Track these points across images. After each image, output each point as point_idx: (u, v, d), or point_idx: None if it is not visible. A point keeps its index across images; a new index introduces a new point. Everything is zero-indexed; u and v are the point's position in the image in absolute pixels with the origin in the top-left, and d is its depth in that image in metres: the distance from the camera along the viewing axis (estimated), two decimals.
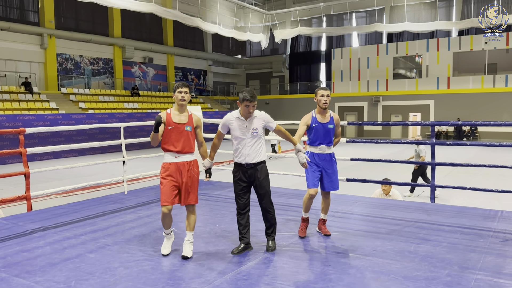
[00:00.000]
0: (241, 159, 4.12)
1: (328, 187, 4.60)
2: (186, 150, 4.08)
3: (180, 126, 4.06)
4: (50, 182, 11.92)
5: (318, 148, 4.56)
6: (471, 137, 27.94)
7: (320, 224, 4.75)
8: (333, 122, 4.62)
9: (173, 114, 4.09)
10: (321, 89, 4.57)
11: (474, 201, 8.59)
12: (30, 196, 5.75)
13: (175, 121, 4.06)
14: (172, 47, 32.77)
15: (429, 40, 30.31)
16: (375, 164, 13.22)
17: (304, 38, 37.80)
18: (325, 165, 4.56)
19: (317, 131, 4.53)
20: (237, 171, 4.17)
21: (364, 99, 32.25)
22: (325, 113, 4.58)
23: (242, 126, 4.12)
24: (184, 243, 4.09)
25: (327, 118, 4.59)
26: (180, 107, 4.10)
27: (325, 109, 4.55)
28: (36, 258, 4.05)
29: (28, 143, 16.86)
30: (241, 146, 4.12)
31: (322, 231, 4.70)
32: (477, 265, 3.75)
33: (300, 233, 4.63)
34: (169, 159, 4.08)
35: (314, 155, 4.56)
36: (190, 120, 4.13)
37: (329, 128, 4.56)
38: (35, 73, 24.13)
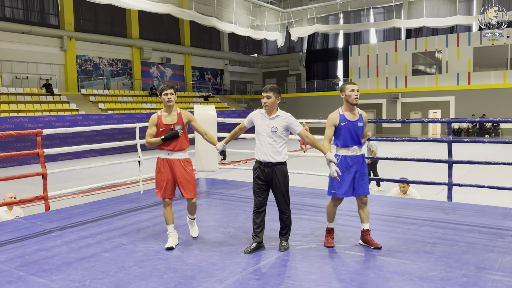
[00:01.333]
0: (259, 156, 4.14)
1: (360, 192, 4.17)
2: (177, 148, 4.34)
3: (170, 127, 4.33)
4: (70, 182, 12.15)
5: (350, 150, 4.14)
6: (493, 133, 27.33)
7: (366, 236, 4.21)
8: (362, 119, 4.21)
9: (163, 116, 4.37)
10: (350, 83, 4.19)
11: (494, 199, 8.39)
12: (48, 196, 5.86)
13: (166, 123, 4.32)
14: (189, 47, 32.99)
15: (448, 35, 29.75)
16: (392, 162, 13.04)
17: (321, 36, 37.56)
18: (359, 167, 4.15)
19: (348, 130, 4.11)
20: (256, 168, 4.19)
21: (382, 96, 31.87)
22: (353, 110, 4.18)
23: (263, 123, 4.11)
24: (188, 224, 4.67)
25: (357, 116, 4.18)
26: (168, 108, 4.36)
27: (354, 106, 4.16)
28: (53, 257, 4.13)
29: (49, 143, 17.21)
30: (260, 143, 4.13)
31: (370, 244, 4.16)
32: (494, 265, 3.66)
33: (328, 244, 4.23)
34: (162, 155, 4.39)
35: (347, 158, 4.14)
36: (179, 119, 4.37)
37: (359, 126, 4.15)
38: (55, 75, 24.62)
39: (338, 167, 4.05)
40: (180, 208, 5.90)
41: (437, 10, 29.68)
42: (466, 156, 13.17)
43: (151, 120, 4.39)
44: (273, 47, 40.45)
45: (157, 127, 4.34)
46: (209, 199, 6.67)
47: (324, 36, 37.61)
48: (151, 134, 4.37)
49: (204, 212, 5.88)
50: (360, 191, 4.17)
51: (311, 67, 38.53)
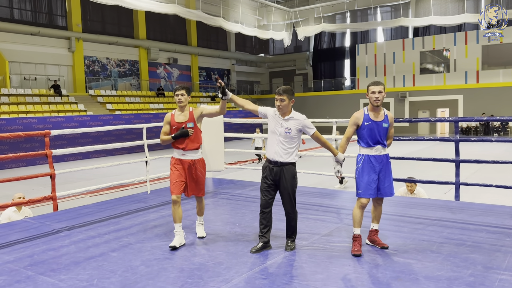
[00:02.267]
0: (269, 155, 4.13)
1: (385, 193, 4.13)
2: (189, 147, 4.41)
3: (182, 125, 4.42)
4: (78, 182, 12.25)
5: (374, 149, 4.09)
6: (502, 132, 27.08)
7: (373, 235, 4.24)
8: (388, 120, 4.12)
9: (176, 115, 4.51)
10: (373, 84, 4.08)
11: (502, 198, 8.33)
12: (56, 196, 5.91)
13: (177, 121, 4.46)
14: (196, 48, 33.08)
15: (456, 33, 29.54)
16: (400, 161, 12.97)
17: (327, 35, 37.46)
18: (383, 168, 4.10)
19: (371, 130, 4.06)
20: (265, 167, 4.18)
21: (390, 95, 31.72)
22: (378, 111, 4.11)
23: (277, 123, 4.11)
24: (197, 226, 4.72)
25: (382, 116, 4.11)
26: (180, 108, 4.50)
27: (378, 107, 4.08)
28: (61, 257, 4.17)
29: (58, 144, 17.34)
30: (271, 141, 4.13)
31: (377, 244, 4.18)
32: (502, 265, 3.64)
33: (355, 252, 3.99)
34: (176, 155, 4.47)
35: (371, 158, 4.09)
36: (191, 117, 4.46)
37: (383, 127, 4.08)
38: (63, 76, 24.82)
39: (362, 167, 4.09)
40: (187, 207, 5.92)
41: (445, 8, 29.48)
42: (474, 155, 13.07)
43: (165, 119, 4.55)
44: (279, 47, 40.42)
45: (170, 125, 4.48)
46: (215, 199, 6.70)
47: (331, 35, 37.51)
48: (165, 132, 4.50)
49: (210, 211, 5.91)
50: (386, 192, 4.13)
51: (318, 66, 38.45)
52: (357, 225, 4.09)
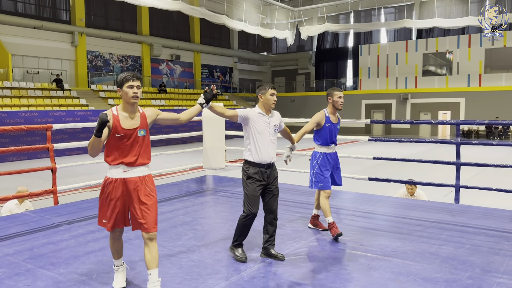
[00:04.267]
0: (262, 158, 3.86)
1: (337, 182, 4.76)
2: (140, 162, 3.15)
3: (132, 133, 3.12)
4: (79, 176, 12.26)
5: (330, 148, 4.67)
6: (503, 136, 27.06)
7: (316, 220, 4.81)
8: (340, 123, 4.79)
9: (121, 117, 3.11)
10: (337, 90, 4.62)
11: (503, 202, 8.33)
12: (57, 190, 5.93)
13: (125, 127, 3.10)
14: (199, 45, 33.07)
15: (460, 36, 29.48)
16: (401, 163, 12.99)
17: (331, 35, 37.42)
18: (335, 163, 4.73)
19: (330, 131, 4.62)
20: (256, 172, 3.85)
21: (392, 96, 31.69)
22: (335, 114, 4.71)
23: (265, 122, 3.93)
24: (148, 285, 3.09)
25: (337, 119, 4.74)
26: (131, 107, 3.15)
27: (338, 110, 4.68)
28: (61, 251, 4.19)
29: (59, 138, 17.38)
30: (260, 143, 3.87)
31: (319, 227, 4.77)
32: (500, 268, 3.65)
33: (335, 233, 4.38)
34: (115, 173, 3.14)
35: (327, 155, 4.65)
36: (143, 122, 3.19)
37: (337, 128, 4.73)
38: (66, 70, 24.83)
39: (321, 163, 4.61)
40: (187, 204, 5.91)
41: (449, 10, 29.44)
42: (475, 158, 13.07)
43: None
44: (282, 46, 40.38)
45: (111, 131, 3.09)
46: (215, 197, 6.71)
47: (334, 35, 37.46)
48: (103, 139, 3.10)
49: (210, 209, 5.92)
50: (336, 181, 4.75)
51: (321, 66, 38.40)
52: (329, 214, 4.51)
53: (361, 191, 7.36)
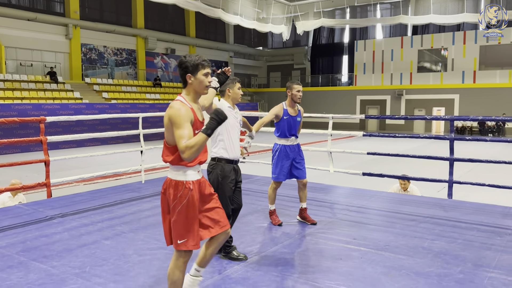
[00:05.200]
0: (235, 154, 3.76)
1: (300, 175, 4.75)
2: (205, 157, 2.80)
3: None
4: (72, 170, 12.21)
5: (289, 140, 4.73)
6: (496, 132, 27.22)
7: (304, 213, 4.85)
8: (301, 115, 4.84)
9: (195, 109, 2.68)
10: (297, 84, 4.70)
11: (495, 198, 8.40)
12: (50, 183, 5.90)
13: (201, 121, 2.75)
14: (194, 39, 32.92)
15: (455, 32, 29.56)
16: (394, 159, 13.04)
17: (326, 30, 37.37)
18: (295, 155, 4.75)
19: (288, 124, 4.69)
20: (230, 170, 3.73)
21: (387, 92, 31.75)
22: (294, 107, 4.76)
23: (234, 116, 3.79)
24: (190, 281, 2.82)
25: (296, 111, 4.78)
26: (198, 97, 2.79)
27: (296, 103, 4.73)
28: (54, 244, 4.17)
29: (53, 131, 17.26)
30: (234, 138, 3.75)
31: (307, 220, 4.81)
32: (492, 263, 3.68)
33: (276, 223, 4.74)
34: (192, 175, 2.66)
35: (286, 147, 4.72)
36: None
37: (298, 120, 4.77)
38: (60, 63, 24.63)
39: (279, 155, 4.70)
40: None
41: (444, 7, 29.46)
42: (469, 154, 13.14)
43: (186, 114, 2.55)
44: (278, 41, 40.29)
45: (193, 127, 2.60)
46: None
47: (330, 31, 37.41)
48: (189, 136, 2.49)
49: None
50: (301, 174, 4.76)
51: (316, 61, 38.38)
52: (272, 202, 4.82)
53: (355, 186, 7.39)
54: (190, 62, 2.65)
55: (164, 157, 2.65)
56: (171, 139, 2.59)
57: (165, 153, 2.65)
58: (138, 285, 3.24)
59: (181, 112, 2.51)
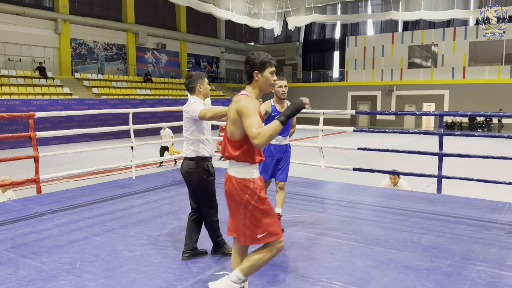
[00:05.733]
0: (211, 152, 3.69)
1: (277, 177, 4.46)
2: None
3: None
4: (62, 166, 12.13)
5: (275, 139, 4.40)
6: (485, 128, 27.51)
7: None
8: None
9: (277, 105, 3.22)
10: (279, 79, 4.36)
11: (484, 192, 8.50)
12: (40, 179, 5.85)
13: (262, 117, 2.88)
14: (185, 34, 32.75)
15: (445, 29, 29.76)
16: (384, 154, 13.14)
17: (318, 26, 37.40)
18: (282, 156, 4.45)
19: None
20: (212, 167, 3.67)
21: (377, 88, 31.90)
22: (283, 103, 4.43)
23: None
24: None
25: (285, 108, 4.38)
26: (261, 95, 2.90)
27: (283, 100, 4.41)
28: (44, 240, 4.15)
29: (42, 127, 17.14)
30: (209, 136, 3.72)
31: None
32: (479, 256, 3.73)
33: None
34: (256, 173, 2.70)
35: (271, 147, 4.43)
36: None
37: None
38: (49, 58, 24.37)
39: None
40: (172, 194, 5.90)
41: (435, 3, 29.59)
42: (459, 149, 13.28)
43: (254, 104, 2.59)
44: (270, 36, 40.23)
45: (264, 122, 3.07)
46: None
47: (321, 26, 37.44)
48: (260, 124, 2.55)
49: None
50: (282, 177, 4.46)
51: (308, 57, 38.41)
52: None
53: (346, 181, 7.44)
54: (258, 59, 2.73)
55: (230, 152, 2.65)
56: (237, 133, 2.63)
57: (231, 148, 2.66)
58: (129, 281, 3.24)
59: (250, 103, 2.57)
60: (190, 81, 3.68)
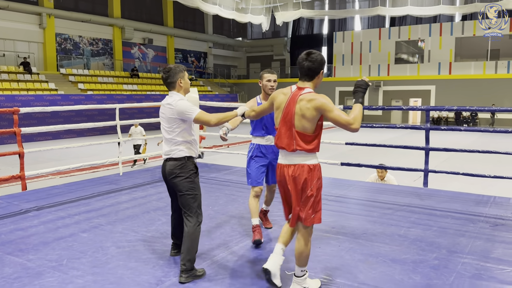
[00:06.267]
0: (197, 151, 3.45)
1: (273, 180, 4.15)
2: None
3: None
4: (48, 162, 11.97)
5: (265, 139, 4.03)
6: (471, 123, 27.87)
7: (261, 214, 4.36)
8: None
9: None
10: (267, 72, 4.03)
11: (470, 186, 8.62)
12: (25, 175, 5.77)
13: None
14: (172, 28, 32.50)
15: (431, 24, 30.01)
16: (372, 149, 13.24)
17: (306, 21, 37.44)
18: (273, 157, 4.02)
19: (264, 119, 3.95)
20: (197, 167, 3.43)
21: None
22: None
23: None
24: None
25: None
26: None
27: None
28: (30, 237, 4.10)
29: (27, 123, 16.88)
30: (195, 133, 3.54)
31: (263, 223, 4.36)
32: (465, 249, 3.79)
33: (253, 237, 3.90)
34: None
35: (261, 147, 4.02)
36: None
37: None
38: (34, 53, 24.00)
39: (252, 156, 4.02)
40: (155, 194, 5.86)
41: None
42: (445, 144, 13.43)
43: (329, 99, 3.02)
44: (258, 31, 40.14)
45: None
46: None
47: (309, 22, 37.49)
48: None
49: None
50: (270, 179, 4.14)
51: (296, 52, 38.39)
52: (254, 215, 3.97)
53: (334, 176, 7.47)
54: (323, 59, 2.96)
55: (303, 146, 2.85)
56: (311, 128, 2.86)
57: (303, 142, 2.86)
58: (117, 277, 3.22)
59: (326, 98, 2.84)
60: (170, 75, 3.31)
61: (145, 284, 3.13)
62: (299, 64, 2.93)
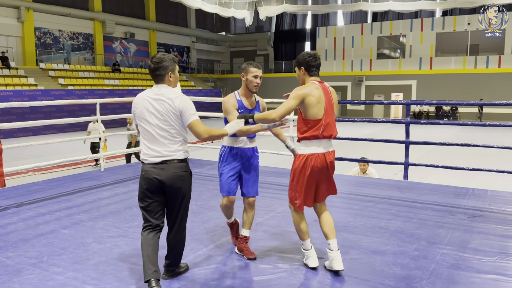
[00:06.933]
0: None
1: (248, 192, 3.55)
2: None
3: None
4: (28, 159, 11.76)
5: (238, 140, 3.48)
6: (451, 117, 28.34)
7: (242, 243, 3.53)
8: (260, 108, 3.59)
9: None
10: (254, 66, 3.46)
11: (449, 179, 8.78)
12: (3, 172, 5.66)
13: None
14: (154, 23, 32.15)
15: (413, 20, 30.36)
16: (354, 143, 13.36)
17: (289, 16, 37.46)
18: (246, 162, 3.53)
19: None
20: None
21: (348, 78, 32.30)
22: (251, 97, 3.53)
23: None
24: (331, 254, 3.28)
25: (253, 103, 3.55)
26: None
27: (253, 93, 3.52)
28: (9, 234, 4.03)
29: (6, 119, 16.52)
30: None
31: (244, 253, 3.49)
32: (444, 240, 3.87)
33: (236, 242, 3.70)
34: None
35: (233, 150, 3.49)
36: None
37: None
38: (12, 48, 23.48)
39: (223, 160, 3.52)
40: None
41: None
42: (425, 138, 13.64)
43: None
44: (241, 26, 40.00)
45: None
46: None
47: (292, 17, 37.52)
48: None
49: None
50: (249, 191, 3.55)
51: (279, 47, 38.46)
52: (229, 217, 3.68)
53: None
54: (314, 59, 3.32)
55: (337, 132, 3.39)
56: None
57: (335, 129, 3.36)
58: (99, 273, 3.19)
59: None
60: (161, 67, 2.93)
61: (127, 280, 3.11)
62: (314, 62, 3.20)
